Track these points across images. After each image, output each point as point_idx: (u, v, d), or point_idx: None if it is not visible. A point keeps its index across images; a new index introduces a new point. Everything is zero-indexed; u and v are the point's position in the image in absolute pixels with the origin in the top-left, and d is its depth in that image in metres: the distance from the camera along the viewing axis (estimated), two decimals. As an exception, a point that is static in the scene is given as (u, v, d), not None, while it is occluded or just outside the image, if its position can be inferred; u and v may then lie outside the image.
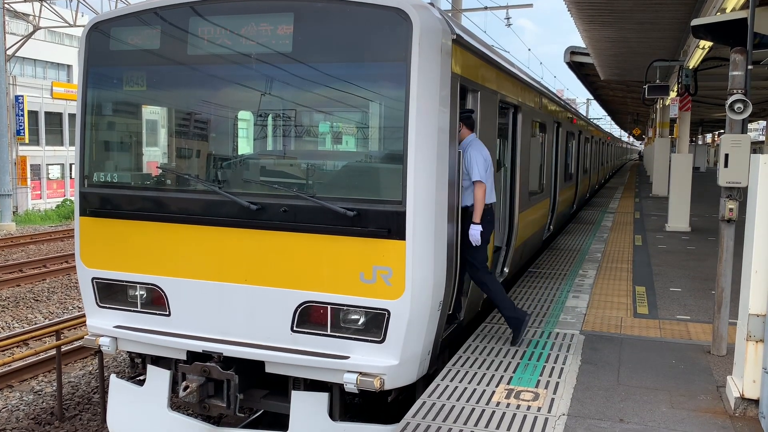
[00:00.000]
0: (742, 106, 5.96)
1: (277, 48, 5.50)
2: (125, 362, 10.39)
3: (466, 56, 6.08)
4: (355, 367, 5.30)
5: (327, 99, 5.68)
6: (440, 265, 5.49)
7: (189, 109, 6.39)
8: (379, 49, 5.34)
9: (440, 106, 5.38)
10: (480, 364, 6.01)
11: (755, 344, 4.93)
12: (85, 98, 6.24)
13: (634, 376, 5.84)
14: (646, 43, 15.92)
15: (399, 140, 5.24)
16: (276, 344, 5.57)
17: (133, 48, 6.00)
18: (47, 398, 9.32)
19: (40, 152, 41.21)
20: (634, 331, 7.22)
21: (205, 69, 5.82)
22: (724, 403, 5.29)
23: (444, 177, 5.48)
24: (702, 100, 20.56)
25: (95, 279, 6.22)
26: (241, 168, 6.14)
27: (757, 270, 4.92)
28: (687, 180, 15.40)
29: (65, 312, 13.88)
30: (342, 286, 5.34)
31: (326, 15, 5.40)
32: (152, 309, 6.03)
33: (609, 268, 10.75)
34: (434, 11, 5.50)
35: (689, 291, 9.23)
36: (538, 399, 5.23)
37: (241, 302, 5.64)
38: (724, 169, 6.03)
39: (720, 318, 6.37)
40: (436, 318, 5.56)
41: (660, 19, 13.13)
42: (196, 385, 5.61)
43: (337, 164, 6.12)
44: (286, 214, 5.46)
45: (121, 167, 6.62)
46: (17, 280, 16.33)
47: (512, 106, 8.70)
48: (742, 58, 6.03)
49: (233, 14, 5.66)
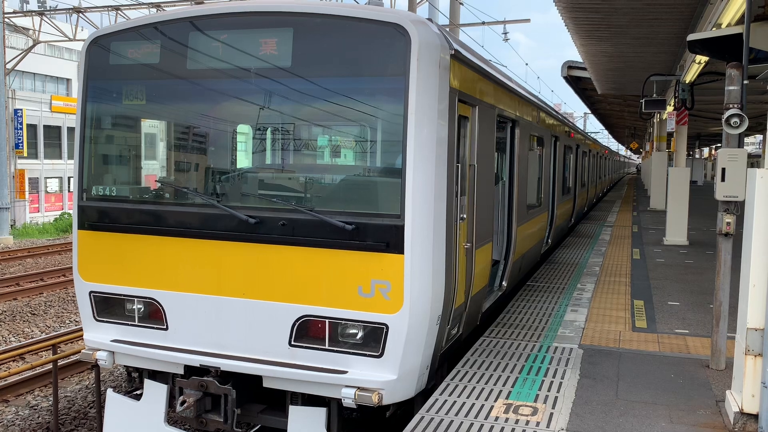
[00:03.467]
0: (738, 121, 5.99)
1: (276, 62, 5.53)
2: (122, 376, 10.34)
3: (464, 71, 6.11)
4: (353, 381, 5.28)
5: (326, 113, 5.71)
6: (439, 279, 5.49)
7: (188, 123, 6.41)
8: (377, 63, 5.38)
9: (438, 120, 5.40)
10: (479, 379, 5.99)
11: (754, 358, 4.92)
12: (84, 112, 6.26)
13: (633, 391, 5.82)
14: (642, 58, 16.01)
15: (397, 154, 5.26)
16: (274, 358, 5.55)
17: (133, 62, 6.03)
18: (43, 413, 9.26)
19: (39, 165, 41.26)
20: (632, 345, 7.21)
21: (204, 83, 5.85)
22: (723, 417, 5.27)
23: (442, 191, 5.49)
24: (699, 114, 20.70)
25: (93, 293, 6.20)
26: (240, 182, 6.14)
27: (755, 284, 4.92)
28: (684, 194, 15.44)
29: (62, 326, 13.82)
30: (340, 300, 5.34)
31: (325, 30, 5.43)
32: (150, 323, 6.01)
33: (607, 281, 10.75)
34: (432, 26, 5.54)
35: (687, 305, 9.22)
36: (537, 413, 5.21)
37: (239, 316, 5.63)
38: (721, 183, 6.05)
39: (718, 332, 6.36)
40: (434, 332, 5.55)
41: (656, 34, 13.22)
42: (193, 400, 5.58)
43: (335, 178, 6.13)
44: (285, 227, 5.46)
45: (120, 181, 6.62)
46: (14, 294, 16.28)
47: (510, 120, 8.73)
48: (737, 73, 6.07)
49: (233, 29, 5.69)
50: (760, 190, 4.91)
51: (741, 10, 7.73)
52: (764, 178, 4.91)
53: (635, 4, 11.05)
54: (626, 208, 26.69)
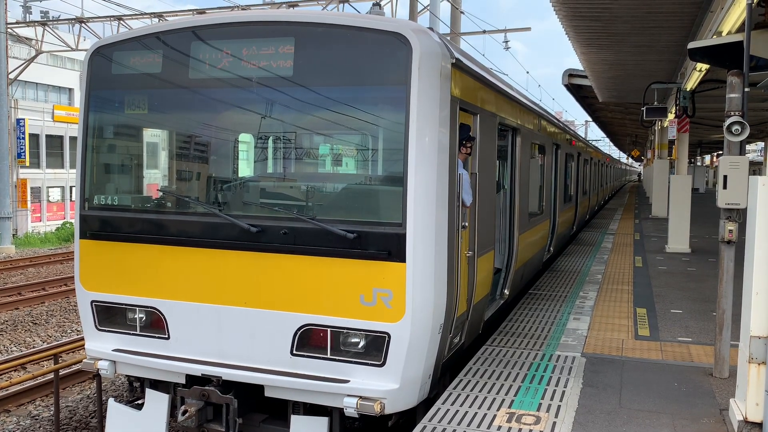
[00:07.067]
0: (739, 128, 5.99)
1: (278, 72, 5.54)
2: (123, 386, 10.31)
3: (465, 79, 6.12)
4: (355, 391, 5.26)
5: (327, 122, 5.72)
6: (441, 287, 5.48)
7: (190, 132, 6.42)
8: (379, 73, 5.39)
9: (440, 128, 5.41)
10: (481, 388, 5.97)
11: (757, 366, 4.90)
12: (86, 121, 6.28)
13: (636, 399, 5.80)
14: (643, 66, 16.05)
15: (399, 163, 5.26)
16: (275, 368, 5.53)
17: (135, 72, 6.05)
18: (44, 423, 9.23)
19: (41, 175, 41.36)
20: (635, 354, 7.18)
21: (206, 93, 5.86)
22: (727, 426, 5.25)
23: (444, 199, 5.49)
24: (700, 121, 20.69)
25: (94, 302, 6.19)
26: (242, 190, 6.15)
27: (758, 291, 4.91)
28: (686, 201, 15.43)
29: (64, 335, 13.81)
30: (342, 309, 5.33)
31: (327, 39, 5.45)
32: (151, 332, 6.00)
33: (609, 289, 10.72)
34: (433, 35, 5.56)
35: (690, 312, 9.19)
36: (539, 423, 5.19)
37: (241, 325, 5.62)
38: (723, 190, 6.05)
39: (721, 340, 6.34)
40: (436, 341, 5.53)
41: (657, 42, 13.26)
42: (194, 409, 5.57)
43: (337, 186, 6.13)
44: (287, 236, 5.46)
45: (122, 190, 6.63)
46: (16, 303, 16.27)
47: (511, 129, 8.74)
48: (738, 81, 6.07)
49: (235, 38, 5.71)
50: (762, 197, 4.91)
51: (741, 17, 7.75)
52: (766, 185, 4.90)
53: (636, 12, 11.08)
54: (628, 216, 26.66)
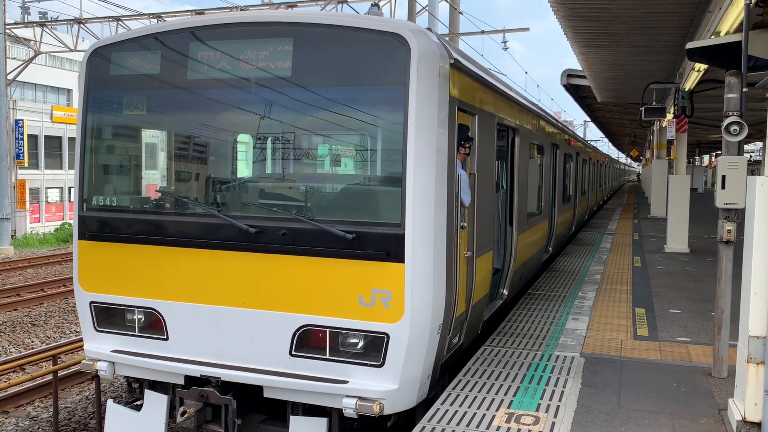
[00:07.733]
0: (737, 128, 5.99)
1: (276, 72, 5.54)
2: (122, 387, 10.30)
3: (463, 80, 6.13)
4: (354, 391, 5.26)
5: (326, 122, 5.72)
6: (440, 287, 5.48)
7: (188, 133, 6.42)
8: (377, 73, 5.39)
9: (438, 129, 5.41)
10: (480, 388, 5.97)
11: (756, 366, 4.90)
12: (85, 122, 6.28)
13: (635, 399, 5.80)
14: (642, 66, 16.06)
15: (397, 163, 5.27)
16: (274, 368, 5.53)
17: (134, 73, 6.04)
18: (43, 424, 9.22)
19: (40, 176, 41.32)
20: (634, 354, 7.18)
21: (204, 93, 5.86)
22: (726, 426, 5.25)
23: (443, 200, 5.49)
24: (698, 121, 20.70)
25: (93, 303, 6.19)
26: (240, 191, 6.15)
27: (757, 291, 4.91)
28: (685, 201, 15.44)
29: (62, 336, 13.80)
30: (341, 310, 5.32)
31: (325, 40, 5.45)
32: (150, 333, 6.00)
33: (608, 289, 10.73)
34: (432, 36, 5.56)
35: (689, 312, 9.20)
36: (538, 423, 5.19)
37: (240, 326, 5.62)
38: (721, 190, 6.05)
39: (720, 340, 6.34)
40: (435, 341, 5.54)
41: (655, 42, 13.26)
42: (193, 410, 5.57)
43: (335, 187, 6.13)
44: (285, 237, 5.46)
45: (121, 191, 6.63)
46: (14, 304, 16.25)
47: (510, 129, 8.75)
48: (737, 81, 6.08)
49: (233, 39, 5.71)
50: (760, 197, 4.91)
51: (739, 18, 7.75)
52: (764, 185, 4.91)
53: (634, 12, 11.09)
54: (627, 216, 26.68)
